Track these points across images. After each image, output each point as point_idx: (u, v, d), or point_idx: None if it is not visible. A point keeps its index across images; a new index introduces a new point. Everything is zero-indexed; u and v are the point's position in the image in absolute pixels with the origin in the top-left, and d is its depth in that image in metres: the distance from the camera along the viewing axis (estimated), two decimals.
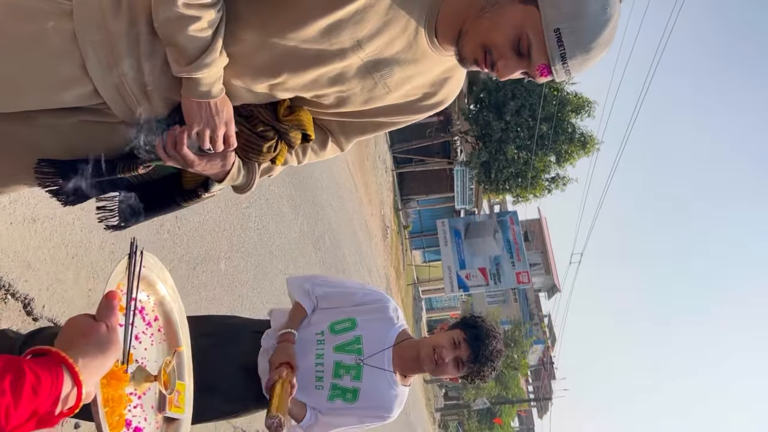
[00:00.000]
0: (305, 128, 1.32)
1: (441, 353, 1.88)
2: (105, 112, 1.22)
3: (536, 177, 20.61)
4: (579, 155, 20.58)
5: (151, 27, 1.15)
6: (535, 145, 19.67)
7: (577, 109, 20.29)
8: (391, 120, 1.40)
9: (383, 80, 1.25)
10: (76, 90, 1.16)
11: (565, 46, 1.04)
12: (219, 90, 1.18)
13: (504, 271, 25.07)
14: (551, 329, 41.73)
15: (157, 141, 1.21)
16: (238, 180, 1.34)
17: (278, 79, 1.21)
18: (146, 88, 1.19)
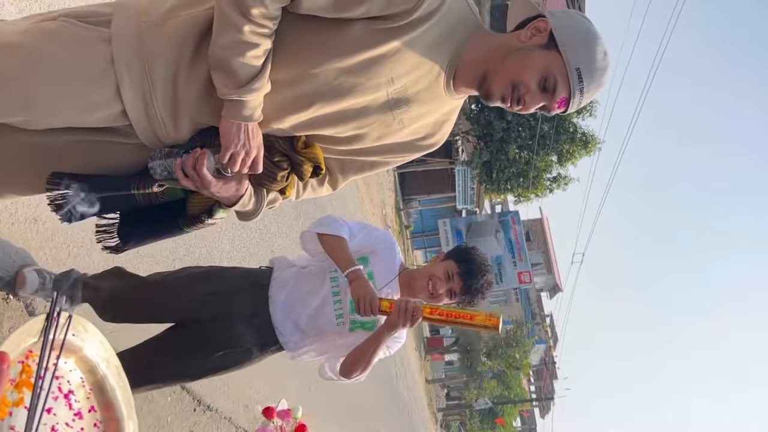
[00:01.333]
0: (319, 162, 1.37)
1: (435, 285, 2.02)
2: (126, 132, 1.26)
3: (538, 177, 20.60)
4: (580, 155, 20.56)
5: (192, 53, 1.20)
6: (536, 145, 19.66)
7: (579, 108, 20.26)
8: (390, 159, 1.46)
9: (400, 117, 1.32)
10: (106, 111, 1.22)
11: (584, 81, 1.23)
12: (259, 115, 1.23)
13: (506, 270, 25.11)
14: (553, 329, 41.73)
15: (177, 161, 1.24)
16: (248, 206, 1.38)
17: (309, 110, 1.26)
18: (176, 113, 1.24)
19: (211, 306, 1.94)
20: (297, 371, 5.03)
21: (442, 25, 1.23)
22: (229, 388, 3.58)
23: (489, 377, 31.03)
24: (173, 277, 2.05)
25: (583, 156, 20.67)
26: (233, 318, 1.95)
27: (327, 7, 1.16)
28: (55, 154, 1.27)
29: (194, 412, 3.13)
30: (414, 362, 22.65)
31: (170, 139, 1.28)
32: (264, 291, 2.00)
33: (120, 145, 1.28)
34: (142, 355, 1.95)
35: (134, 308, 2.03)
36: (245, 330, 1.95)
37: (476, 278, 2.02)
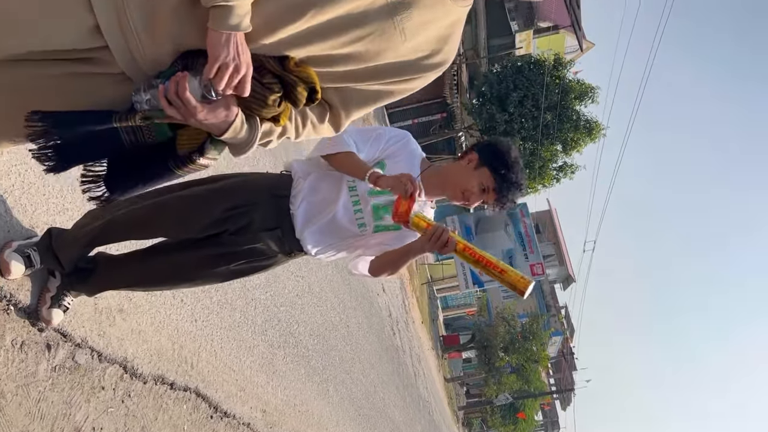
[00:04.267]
0: (314, 82, 1.26)
1: (470, 197, 2.02)
2: (104, 60, 1.17)
3: (543, 167, 20.46)
4: (585, 142, 20.42)
5: None
6: (540, 135, 19.53)
7: (581, 95, 20.12)
8: (395, 85, 1.34)
9: (402, 24, 1.21)
10: (76, 25, 1.11)
11: None
12: (248, 24, 1.13)
13: (517, 264, 24.94)
14: (569, 320, 41.48)
15: (160, 87, 1.16)
16: (240, 134, 1.26)
17: (303, 18, 1.16)
18: (153, 27, 1.13)
19: (231, 221, 1.92)
20: (315, 373, 4.95)
21: None
22: (245, 392, 3.50)
23: (508, 372, 30.85)
24: (188, 194, 1.97)
25: (588, 143, 20.52)
26: (256, 231, 1.95)
27: None
28: (28, 93, 1.18)
29: (211, 419, 3.04)
30: (432, 361, 22.54)
31: (150, 62, 1.18)
32: (285, 203, 1.99)
33: (99, 76, 1.19)
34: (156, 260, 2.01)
35: (142, 227, 1.99)
36: (269, 241, 1.97)
37: (511, 192, 2.00)
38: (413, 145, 2.10)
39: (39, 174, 2.17)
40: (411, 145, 2.09)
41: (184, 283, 2.14)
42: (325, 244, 2.05)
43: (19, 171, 2.10)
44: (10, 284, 1.95)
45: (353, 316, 7.25)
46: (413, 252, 1.93)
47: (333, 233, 2.03)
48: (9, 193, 2.04)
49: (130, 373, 2.42)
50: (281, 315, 4.53)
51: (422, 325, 23.18)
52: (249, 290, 3.99)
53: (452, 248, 1.76)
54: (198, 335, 3.09)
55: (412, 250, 1.94)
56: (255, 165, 4.79)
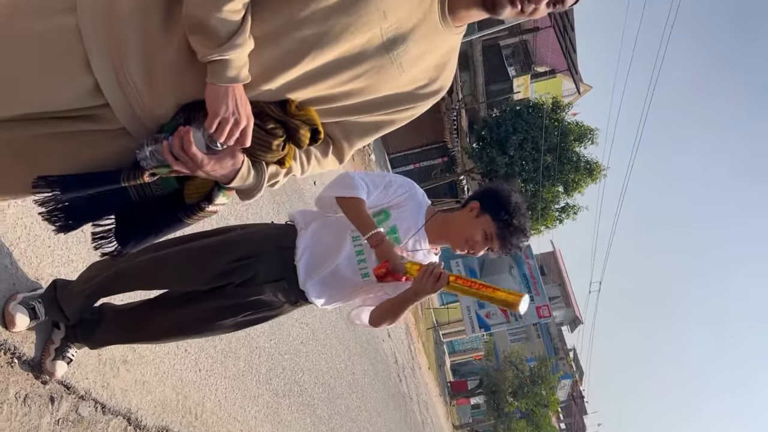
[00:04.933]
0: (316, 124, 1.27)
1: (474, 246, 2.01)
2: (105, 117, 1.18)
3: (546, 208, 20.51)
4: (586, 183, 20.51)
5: (164, 14, 1.12)
6: (541, 177, 19.63)
7: (580, 137, 20.30)
8: (395, 115, 1.37)
9: (399, 59, 1.23)
10: (75, 88, 1.13)
11: None
12: (246, 75, 1.14)
13: None
14: (578, 362, 40.88)
15: (164, 144, 1.16)
16: (248, 180, 1.28)
17: (301, 63, 1.17)
18: (151, 82, 1.15)
19: (236, 273, 1.92)
20: (321, 422, 4.87)
21: None
22: None
23: (517, 418, 30.25)
24: (194, 247, 1.98)
25: (590, 184, 20.61)
26: (261, 283, 1.95)
27: None
28: (30, 152, 1.19)
29: None
30: (440, 408, 22.13)
31: (151, 117, 1.19)
32: (289, 254, 1.99)
33: (100, 133, 1.20)
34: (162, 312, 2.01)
35: (147, 280, 2.00)
36: (274, 292, 1.97)
37: (515, 237, 2.00)
38: (420, 196, 2.10)
39: (44, 226, 2.19)
40: (417, 195, 2.10)
41: (189, 335, 2.14)
42: (329, 294, 2.05)
43: (25, 224, 2.12)
44: (15, 337, 1.95)
45: (359, 363, 7.17)
46: (409, 297, 1.90)
47: (336, 284, 2.03)
48: (15, 246, 2.06)
49: (134, 425, 2.39)
50: (286, 363, 4.49)
51: (429, 371, 22.86)
52: (253, 338, 3.97)
53: (444, 282, 1.76)
54: (202, 385, 3.06)
55: (408, 295, 1.91)
56: (257, 210, 4.82)
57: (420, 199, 2.10)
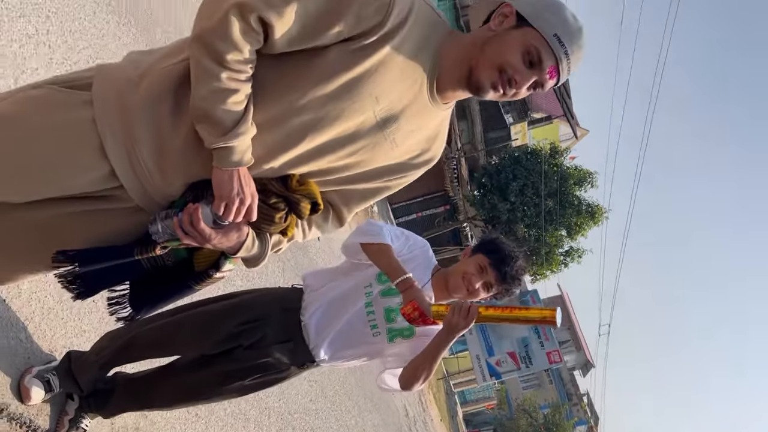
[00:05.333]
0: (316, 198, 1.35)
1: (470, 280, 2.03)
2: (120, 197, 1.26)
3: (550, 252, 20.49)
4: (589, 226, 20.55)
5: (172, 106, 1.21)
6: (543, 222, 19.70)
7: (580, 181, 20.46)
8: (390, 182, 1.45)
9: (392, 135, 1.31)
10: (93, 174, 1.21)
11: (565, 44, 1.24)
12: (249, 159, 1.21)
13: (534, 352, 24.41)
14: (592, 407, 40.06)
15: (174, 220, 1.24)
16: (252, 250, 1.35)
17: (300, 144, 1.25)
18: (163, 167, 1.23)
19: (244, 336, 1.95)
20: None
21: (414, 35, 1.23)
22: None
23: None
24: (202, 312, 2.02)
25: (592, 227, 20.64)
26: (268, 346, 1.98)
27: (300, 38, 1.16)
28: (52, 230, 1.27)
29: None
30: None
31: (162, 195, 1.26)
32: (295, 316, 2.03)
33: (115, 211, 1.27)
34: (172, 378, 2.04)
35: (159, 347, 2.04)
36: (281, 355, 2.00)
37: (509, 264, 2.02)
38: (430, 255, 2.16)
39: (58, 299, 2.26)
40: (428, 253, 2.16)
41: (199, 400, 2.18)
42: (340, 351, 2.08)
43: (39, 297, 2.18)
44: (30, 410, 1.99)
45: (369, 419, 7.09)
46: (444, 337, 1.84)
47: (347, 340, 2.06)
48: (30, 320, 2.11)
49: None
50: (296, 423, 4.46)
51: (441, 423, 22.44)
52: (262, 399, 3.97)
53: (475, 314, 1.75)
54: None
55: (442, 336, 1.85)
56: (263, 268, 4.87)
57: (430, 258, 2.17)
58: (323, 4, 1.15)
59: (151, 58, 1.27)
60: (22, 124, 1.21)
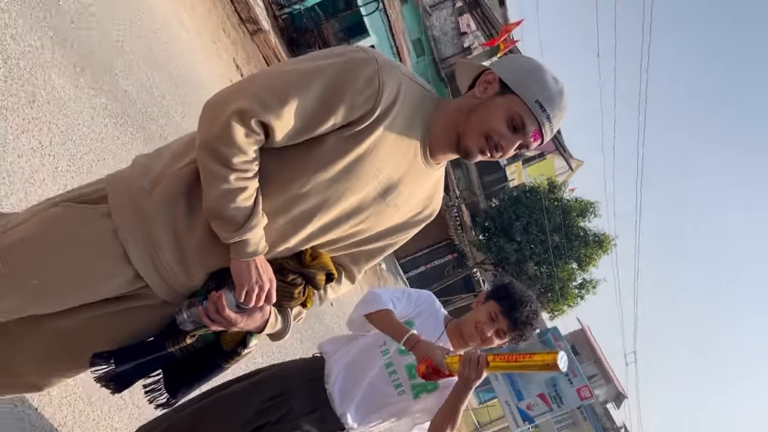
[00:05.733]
0: (330, 269, 1.43)
1: (482, 329, 2.06)
2: (145, 295, 1.33)
3: (564, 287, 20.37)
4: (599, 255, 20.49)
5: (186, 209, 1.29)
6: (552, 257, 19.66)
7: (582, 212, 20.52)
8: (395, 240, 1.53)
9: (394, 201, 1.40)
10: (120, 279, 1.29)
11: (547, 109, 1.31)
12: (264, 246, 1.29)
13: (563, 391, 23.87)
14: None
15: (200, 309, 1.30)
16: (276, 326, 1.43)
17: (309, 225, 1.33)
18: (185, 264, 1.30)
19: (271, 412, 1.96)
20: None
21: (404, 111, 1.31)
22: None
23: None
24: (228, 393, 2.03)
25: (602, 256, 20.59)
26: (296, 419, 1.98)
27: (298, 134, 1.24)
28: (83, 333, 1.33)
29: None
30: None
31: (186, 288, 1.33)
32: (320, 385, 2.05)
33: (143, 308, 1.34)
34: None
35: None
36: (310, 426, 2.00)
37: (519, 311, 2.03)
38: (437, 307, 2.21)
39: (87, 401, 2.29)
40: (435, 305, 2.21)
41: None
42: (368, 416, 2.09)
43: (69, 402, 2.22)
44: None
45: None
46: (461, 389, 1.89)
47: (373, 402, 2.08)
48: (63, 425, 2.14)
49: None
50: None
51: None
52: None
53: (485, 364, 1.78)
54: None
55: (458, 388, 1.90)
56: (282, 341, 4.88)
57: (437, 310, 2.21)
58: (317, 100, 1.23)
59: (160, 161, 1.35)
60: (48, 243, 1.29)
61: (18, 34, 3.13)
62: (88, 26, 4.10)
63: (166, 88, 5.13)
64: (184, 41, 6.65)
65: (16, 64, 2.99)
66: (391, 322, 2.02)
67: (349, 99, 1.24)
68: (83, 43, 3.90)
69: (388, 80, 1.27)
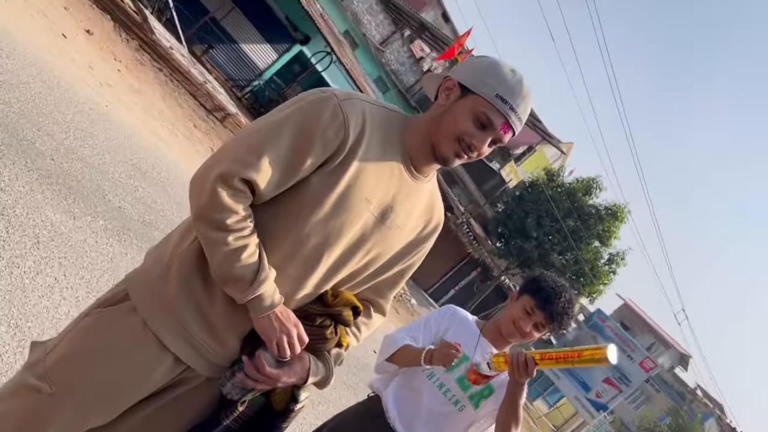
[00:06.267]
0: (354, 303, 1.47)
1: (520, 325, 2.08)
2: (189, 378, 1.37)
3: (593, 267, 20.24)
4: (616, 227, 20.42)
5: (202, 282, 1.34)
6: (572, 241, 19.59)
7: (587, 190, 20.53)
8: (410, 260, 1.56)
9: (393, 222, 1.43)
10: (162, 367, 1.33)
11: (509, 101, 1.36)
12: (279, 298, 1.32)
13: (627, 369, 23.55)
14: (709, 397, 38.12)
15: (241, 375, 1.35)
16: (319, 373, 1.45)
17: (319, 265, 1.37)
18: (216, 335, 1.35)
19: None
20: None
21: (376, 134, 1.36)
22: None
23: None
24: None
25: (620, 227, 20.51)
26: None
27: (281, 179, 1.29)
28: (147, 429, 1.36)
29: None
30: None
31: (224, 358, 1.37)
32: (383, 420, 2.07)
33: (191, 391, 1.38)
34: None
35: None
36: None
37: (554, 302, 2.05)
38: (461, 313, 2.23)
39: None
40: (458, 314, 2.23)
41: None
42: None
43: None
44: None
45: None
46: (513, 389, 1.92)
47: (438, 424, 2.10)
48: None
49: None
50: None
51: None
52: None
53: (533, 364, 1.81)
54: None
55: (511, 388, 1.93)
56: (337, 398, 4.87)
57: (462, 315, 2.24)
58: (290, 145, 1.29)
59: (169, 246, 1.41)
60: (86, 353, 1.34)
61: (6, 185, 3.24)
62: (67, 158, 4.23)
63: (157, 194, 5.25)
64: (161, 146, 6.82)
65: (13, 213, 3.09)
66: (408, 353, 2.06)
67: (320, 136, 1.29)
68: (68, 175, 4.02)
69: (350, 110, 1.33)
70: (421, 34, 23.62)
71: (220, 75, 16.10)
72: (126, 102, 6.92)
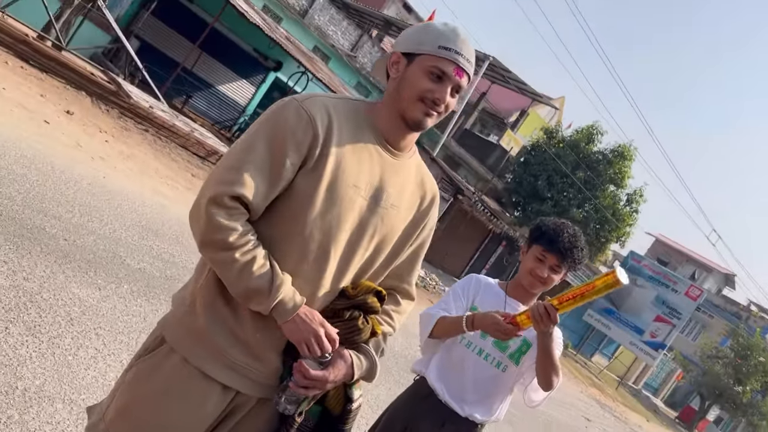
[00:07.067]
0: (375, 288, 1.50)
1: (537, 273, 2.14)
2: (241, 403, 1.42)
3: (615, 212, 20.13)
4: (627, 166, 20.30)
5: (226, 306, 1.39)
6: (586, 192, 19.49)
7: (589, 138, 20.43)
8: (419, 237, 1.60)
9: (388, 203, 1.48)
10: (212, 398, 1.38)
11: (451, 47, 1.42)
12: (301, 299, 1.37)
13: (674, 302, 23.42)
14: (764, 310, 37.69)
15: (291, 386, 1.39)
16: (363, 365, 1.49)
17: (330, 259, 1.41)
18: (254, 354, 1.39)
19: None
20: None
21: (346, 125, 1.42)
22: None
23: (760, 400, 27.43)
24: None
25: (631, 165, 20.38)
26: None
27: (268, 188, 1.34)
28: None
29: None
30: None
31: (269, 377, 1.42)
32: (433, 398, 2.13)
33: (247, 416, 1.43)
34: None
35: None
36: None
37: (559, 240, 2.10)
38: (483, 279, 2.29)
39: None
40: (482, 280, 2.28)
41: None
42: (491, 404, 2.15)
43: None
44: None
45: None
46: (543, 340, 1.98)
47: (486, 390, 2.15)
48: None
49: None
50: None
51: (650, 423, 21.13)
52: None
53: (554, 311, 1.85)
54: None
55: (540, 341, 1.98)
56: None
57: (485, 281, 2.28)
58: (266, 155, 1.34)
59: (189, 285, 1.47)
60: (138, 404, 1.39)
61: (28, 274, 3.33)
62: (79, 235, 4.32)
63: (172, 248, 5.34)
64: (165, 203, 6.92)
65: (41, 298, 3.18)
66: (447, 324, 2.10)
67: (290, 139, 1.35)
68: (83, 250, 4.11)
69: (312, 108, 1.39)
70: (388, 30, 23.69)
71: (206, 121, 16.27)
72: (121, 169, 7.03)
